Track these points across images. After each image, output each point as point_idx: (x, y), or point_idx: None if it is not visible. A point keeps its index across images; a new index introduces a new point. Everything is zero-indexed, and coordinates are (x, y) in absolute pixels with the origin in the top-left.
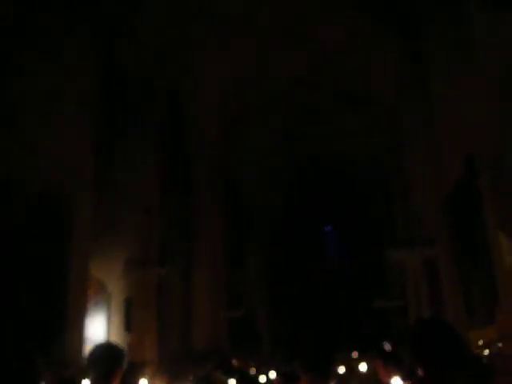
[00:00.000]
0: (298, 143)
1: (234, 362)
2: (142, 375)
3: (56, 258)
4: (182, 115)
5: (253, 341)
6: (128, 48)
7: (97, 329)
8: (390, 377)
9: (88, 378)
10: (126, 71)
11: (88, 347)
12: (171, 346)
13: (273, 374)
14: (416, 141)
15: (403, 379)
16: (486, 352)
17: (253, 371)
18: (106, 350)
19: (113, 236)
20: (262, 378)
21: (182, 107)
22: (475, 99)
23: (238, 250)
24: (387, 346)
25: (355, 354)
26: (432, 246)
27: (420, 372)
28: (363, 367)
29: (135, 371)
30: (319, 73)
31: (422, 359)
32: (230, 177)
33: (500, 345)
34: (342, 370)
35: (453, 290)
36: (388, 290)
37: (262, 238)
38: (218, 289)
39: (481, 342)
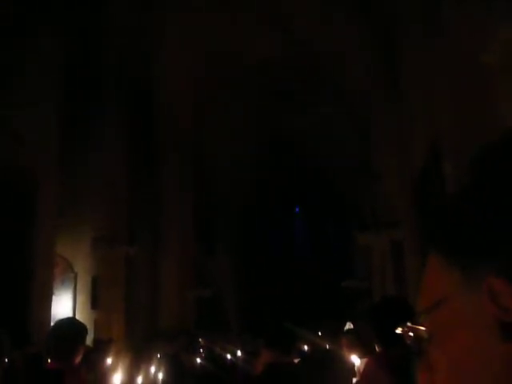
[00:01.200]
0: (269, 129)
1: (201, 340)
2: (108, 352)
3: (20, 236)
4: (150, 89)
5: (220, 321)
6: (97, 34)
7: (63, 307)
8: (351, 354)
9: (51, 354)
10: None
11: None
12: (138, 324)
13: (239, 353)
14: (385, 127)
15: (362, 356)
16: None
17: (219, 350)
18: (68, 326)
19: (79, 214)
20: (229, 356)
21: (150, 81)
22: (441, 86)
23: (207, 232)
24: (349, 325)
25: (320, 333)
26: (398, 229)
27: (378, 348)
28: (326, 345)
29: (101, 348)
30: (292, 57)
31: (380, 336)
32: (199, 153)
33: None
34: (305, 347)
35: (417, 274)
36: (355, 272)
37: (231, 219)
38: (186, 268)
39: None
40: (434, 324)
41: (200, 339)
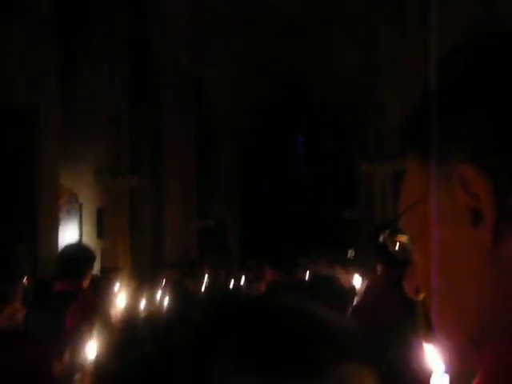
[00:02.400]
0: (270, 57)
1: (205, 268)
2: (115, 280)
3: (24, 168)
4: (150, 23)
5: (223, 251)
6: None
7: (70, 237)
8: (350, 280)
9: (59, 275)
10: None
11: None
12: (144, 253)
13: (243, 280)
14: (390, 53)
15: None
16: None
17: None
18: (76, 249)
19: (82, 147)
20: (231, 283)
21: (150, 17)
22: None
23: (209, 161)
24: (351, 253)
25: (322, 261)
26: (402, 160)
27: (379, 269)
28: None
29: (107, 276)
30: None
31: (382, 256)
32: (199, 86)
33: None
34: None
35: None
36: (357, 202)
37: (234, 148)
38: (189, 199)
39: None
40: (412, 225)
41: (204, 267)
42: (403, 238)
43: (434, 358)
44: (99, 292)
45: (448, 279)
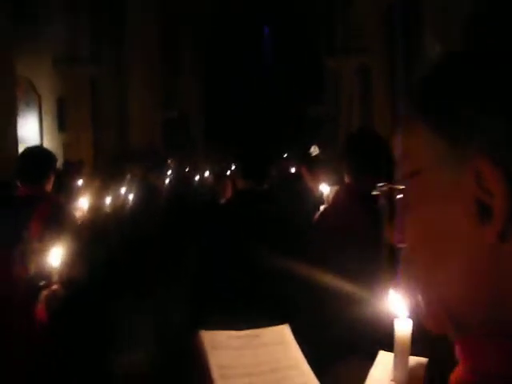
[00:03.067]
0: None
1: (170, 161)
2: (78, 175)
3: None
4: None
5: (187, 142)
6: None
7: (29, 131)
8: (314, 181)
9: (20, 179)
10: None
11: (21, 149)
12: (107, 144)
13: (207, 174)
14: None
15: (330, 184)
16: None
17: (187, 172)
18: (37, 151)
19: (39, 35)
20: (196, 177)
21: None
22: None
23: (173, 48)
24: (314, 149)
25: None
26: (368, 55)
27: (347, 179)
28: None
29: (71, 170)
30: None
31: (351, 166)
32: None
33: None
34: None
35: (383, 100)
36: (322, 99)
37: (198, 33)
38: (153, 88)
39: None
40: (410, 191)
41: (168, 160)
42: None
43: (398, 302)
44: (63, 188)
45: (434, 255)
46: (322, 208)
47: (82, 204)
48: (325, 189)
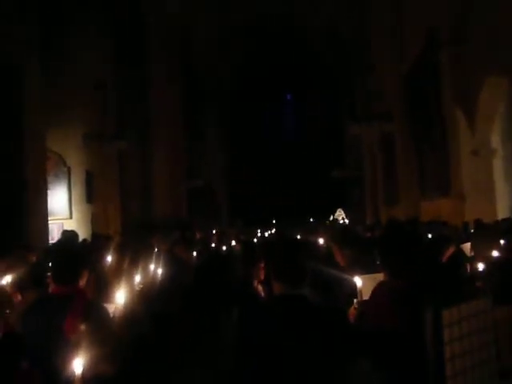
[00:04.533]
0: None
1: (198, 234)
2: (107, 250)
3: (11, 130)
4: None
5: (212, 211)
6: None
7: (59, 202)
8: (345, 263)
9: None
10: None
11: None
12: (133, 216)
13: (233, 243)
14: (379, 13)
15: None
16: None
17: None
18: (70, 255)
19: (69, 111)
20: (223, 248)
21: None
22: None
23: (197, 122)
24: (339, 213)
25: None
26: (390, 121)
27: (384, 275)
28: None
29: (99, 246)
30: None
31: (390, 267)
32: (186, 47)
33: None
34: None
35: (407, 163)
36: (345, 162)
37: (222, 109)
38: (177, 160)
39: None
40: None
41: (196, 232)
42: None
43: None
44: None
45: None
46: (355, 303)
47: (118, 299)
48: (358, 282)
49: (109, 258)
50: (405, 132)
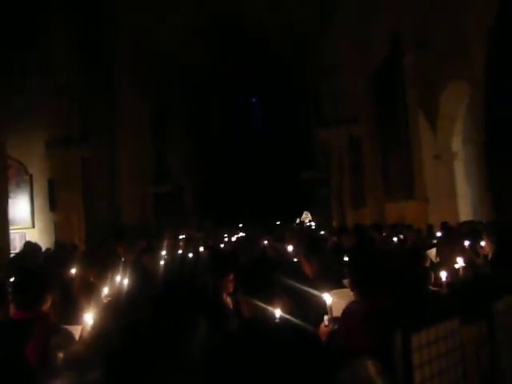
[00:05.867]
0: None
1: (165, 241)
2: (71, 261)
3: None
4: None
5: (180, 214)
6: None
7: (21, 211)
8: (313, 273)
9: (15, 305)
10: None
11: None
12: (99, 223)
13: (201, 249)
14: (344, 17)
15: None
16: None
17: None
18: (32, 280)
19: (31, 118)
20: (190, 255)
21: None
22: None
23: (164, 126)
24: (305, 215)
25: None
26: (357, 124)
27: (355, 294)
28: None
29: (63, 256)
30: None
31: (361, 289)
32: (149, 46)
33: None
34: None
35: (373, 166)
36: (314, 164)
37: (189, 111)
38: (144, 164)
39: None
40: None
41: (162, 240)
42: None
43: None
44: (54, 280)
45: None
46: (325, 319)
47: (87, 320)
48: (328, 298)
49: (73, 270)
50: (372, 135)
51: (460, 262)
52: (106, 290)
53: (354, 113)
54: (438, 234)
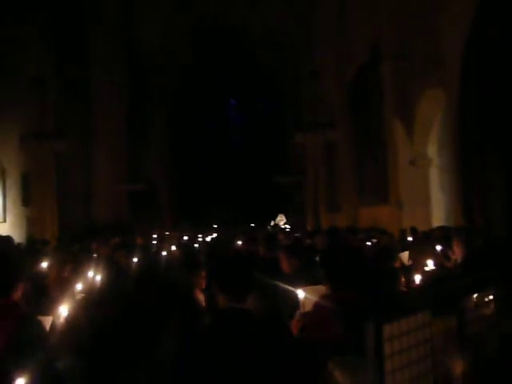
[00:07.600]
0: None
1: (139, 239)
2: (43, 255)
3: None
4: None
5: (155, 214)
6: None
7: None
8: (290, 269)
9: None
10: None
11: None
12: (72, 219)
13: (173, 247)
14: (324, 25)
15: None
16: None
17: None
18: (1, 264)
19: (4, 111)
20: (164, 252)
21: None
22: None
23: (140, 124)
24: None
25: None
26: (334, 129)
27: (326, 288)
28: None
29: (35, 251)
30: None
31: (332, 279)
32: (127, 44)
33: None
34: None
35: (348, 170)
36: (290, 168)
37: (166, 110)
38: (119, 161)
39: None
40: None
41: (136, 237)
42: None
43: None
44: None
45: None
46: (297, 314)
47: (61, 312)
48: (300, 293)
49: (45, 264)
50: (348, 140)
51: (430, 265)
52: (79, 286)
53: (331, 118)
54: (410, 238)
